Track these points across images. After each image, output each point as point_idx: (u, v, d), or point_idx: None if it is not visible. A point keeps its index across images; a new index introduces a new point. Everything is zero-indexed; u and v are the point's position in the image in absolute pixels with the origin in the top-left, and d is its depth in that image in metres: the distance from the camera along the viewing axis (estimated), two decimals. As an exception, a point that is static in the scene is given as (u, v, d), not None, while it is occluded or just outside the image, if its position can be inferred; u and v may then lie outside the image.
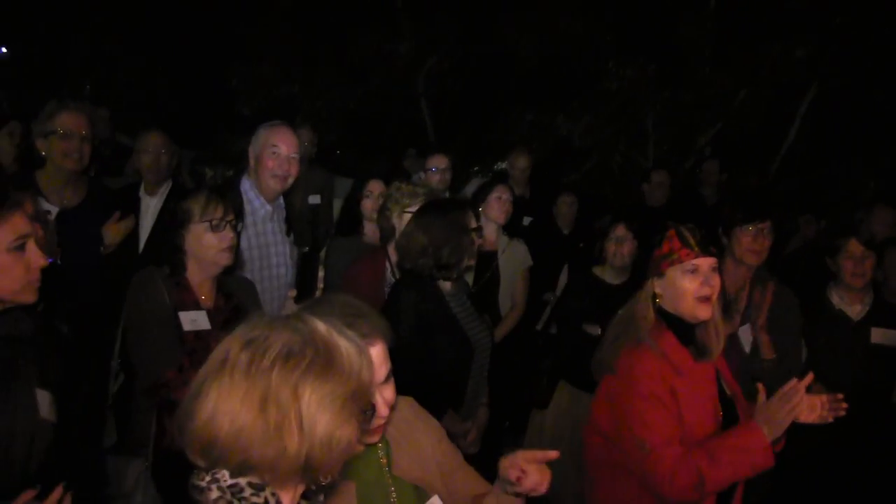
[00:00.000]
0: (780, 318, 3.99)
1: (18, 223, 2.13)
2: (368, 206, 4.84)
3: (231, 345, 1.38)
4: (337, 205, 6.74)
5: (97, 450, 3.43)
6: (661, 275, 2.97)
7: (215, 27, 14.76)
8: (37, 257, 2.16)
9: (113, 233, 4.11)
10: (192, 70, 15.58)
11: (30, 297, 2.18)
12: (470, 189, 6.42)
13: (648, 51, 11.16)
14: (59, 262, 3.81)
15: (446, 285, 3.70)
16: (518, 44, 12.19)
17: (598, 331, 4.41)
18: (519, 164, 7.03)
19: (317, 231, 5.85)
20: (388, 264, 4.24)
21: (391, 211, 4.26)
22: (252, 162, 4.26)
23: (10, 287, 2.14)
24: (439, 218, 3.65)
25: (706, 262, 2.91)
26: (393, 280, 4.14)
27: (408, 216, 4.07)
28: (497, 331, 5.10)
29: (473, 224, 3.69)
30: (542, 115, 12.18)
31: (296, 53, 14.09)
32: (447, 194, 6.22)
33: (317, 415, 1.33)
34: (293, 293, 3.29)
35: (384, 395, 1.99)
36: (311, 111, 13.61)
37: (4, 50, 23.17)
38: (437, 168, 5.86)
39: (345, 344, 1.42)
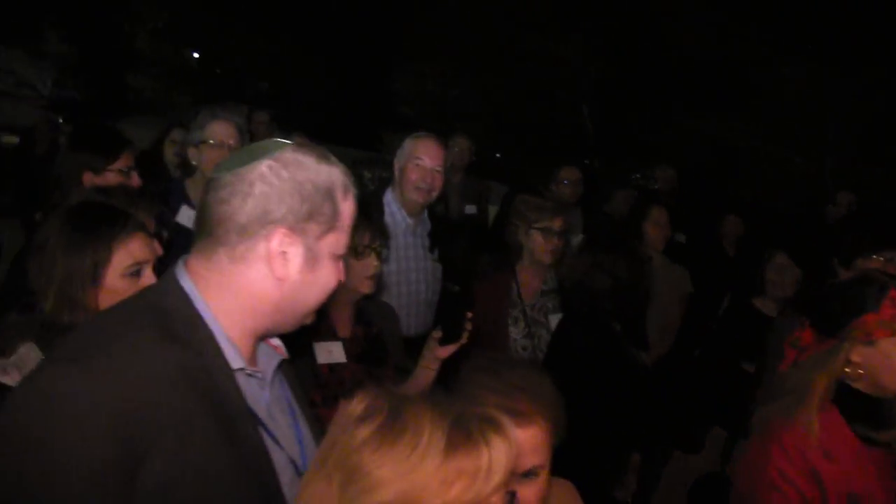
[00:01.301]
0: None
1: (136, 249, 2.09)
2: None
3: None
4: (493, 212, 6.61)
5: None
6: (870, 343, 2.32)
7: (380, 29, 15.05)
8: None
9: None
10: (357, 71, 15.97)
11: None
12: (617, 203, 6.10)
13: (825, 46, 10.32)
14: None
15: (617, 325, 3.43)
16: (682, 44, 11.66)
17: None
18: (666, 176, 6.73)
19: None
20: (514, 285, 4.00)
21: (517, 227, 4.04)
22: (396, 173, 4.15)
23: None
24: (624, 257, 3.39)
25: None
26: (520, 303, 3.91)
27: (535, 233, 3.86)
28: (645, 358, 4.76)
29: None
30: (708, 120, 11.59)
31: (458, 56, 14.14)
32: (578, 208, 5.96)
33: None
34: (438, 334, 2.90)
35: (529, 490, 1.72)
36: (471, 114, 13.59)
37: (196, 55, 24.80)
38: (570, 181, 5.57)
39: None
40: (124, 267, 2.05)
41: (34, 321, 2.04)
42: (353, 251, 2.92)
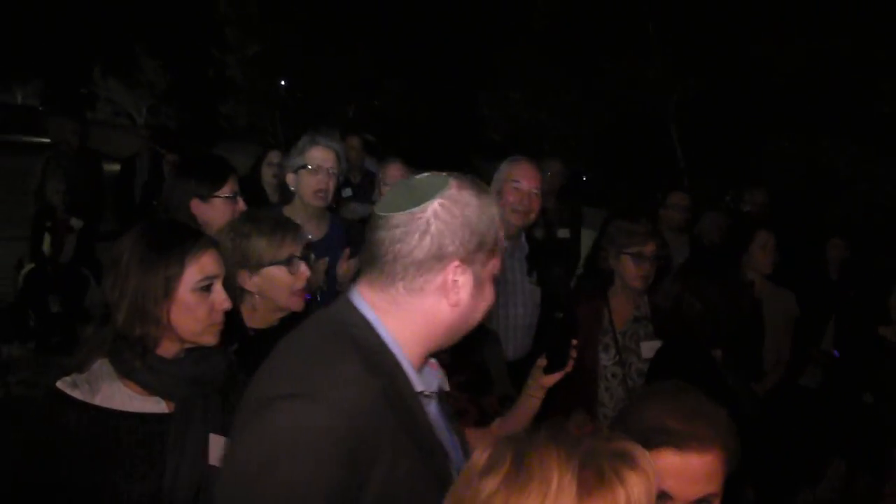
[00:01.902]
0: None
1: (208, 263, 2.14)
2: None
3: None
4: (586, 236, 6.50)
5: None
6: None
7: (468, 55, 15.17)
8: (221, 300, 2.16)
9: (344, 270, 3.98)
10: (445, 97, 16.12)
11: (210, 340, 2.17)
12: (706, 226, 5.94)
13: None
14: (318, 298, 3.87)
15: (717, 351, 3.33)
16: (775, 65, 11.34)
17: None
18: (758, 199, 6.48)
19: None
20: (605, 311, 3.91)
21: (609, 252, 3.95)
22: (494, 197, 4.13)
23: (192, 328, 2.12)
24: (715, 282, 3.31)
25: None
26: (611, 330, 3.84)
27: (626, 258, 3.80)
28: (758, 387, 4.64)
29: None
30: (802, 143, 11.23)
31: (544, 79, 14.12)
32: (685, 234, 5.80)
33: None
34: (542, 362, 2.82)
35: None
36: (558, 137, 13.55)
37: (283, 83, 25.48)
38: (678, 206, 5.55)
39: None
40: (195, 281, 2.11)
41: (108, 334, 2.09)
42: None
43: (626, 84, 12.94)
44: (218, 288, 2.16)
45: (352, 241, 4.16)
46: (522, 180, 4.02)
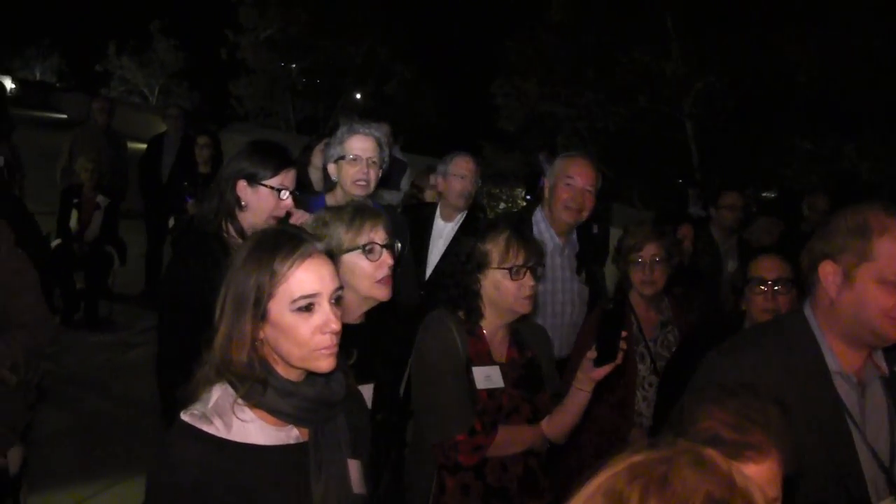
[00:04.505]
0: None
1: (305, 280, 1.86)
2: None
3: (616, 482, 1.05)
4: (614, 234, 6.47)
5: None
6: None
7: (482, 44, 15.09)
8: (328, 321, 1.86)
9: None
10: (457, 84, 16.04)
11: (323, 366, 1.90)
12: (758, 228, 5.93)
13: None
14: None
15: None
16: (799, 64, 11.27)
17: None
18: (819, 205, 6.39)
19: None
20: (633, 319, 3.84)
21: (618, 258, 3.93)
22: (546, 193, 4.12)
23: (296, 353, 1.88)
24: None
25: None
26: (642, 339, 3.77)
27: (629, 263, 3.78)
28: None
29: None
30: (824, 145, 11.19)
31: (560, 71, 14.04)
32: (735, 235, 5.75)
33: None
34: (592, 354, 2.78)
35: None
36: (572, 130, 13.49)
37: (294, 66, 25.38)
38: (730, 206, 5.47)
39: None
40: (290, 301, 1.85)
41: (220, 357, 1.87)
42: (509, 272, 2.88)
43: (643, 78, 12.86)
44: (325, 307, 1.87)
45: (409, 228, 4.17)
46: (577, 177, 3.99)
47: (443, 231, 4.93)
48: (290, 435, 1.92)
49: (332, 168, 4.05)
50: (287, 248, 1.86)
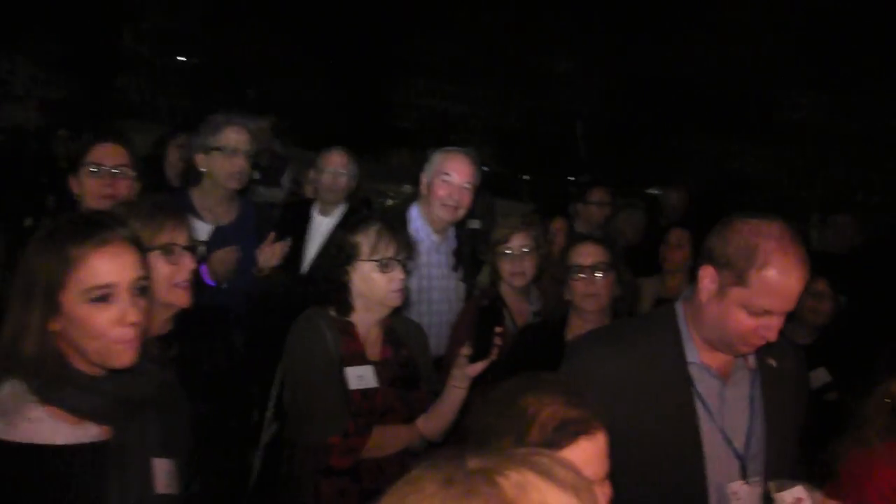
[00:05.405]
0: None
1: (101, 268, 1.72)
2: None
3: None
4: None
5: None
6: None
7: (380, 41, 14.93)
8: (125, 313, 1.74)
9: (266, 256, 3.77)
10: (355, 83, 15.84)
11: (120, 362, 1.77)
12: (619, 220, 5.93)
13: (828, 80, 10.34)
14: (224, 286, 3.64)
15: None
16: (687, 68, 11.59)
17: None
18: (671, 199, 6.56)
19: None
20: (505, 312, 3.78)
21: (486, 250, 3.95)
22: (424, 189, 3.99)
23: (92, 347, 1.74)
24: None
25: None
26: (514, 331, 3.72)
27: (497, 255, 3.77)
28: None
29: None
30: (709, 144, 11.55)
31: (454, 69, 14.03)
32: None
33: None
34: (467, 351, 2.81)
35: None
36: (466, 127, 13.51)
37: (182, 59, 24.55)
38: (598, 202, 5.53)
39: None
40: (82, 291, 1.71)
41: (10, 348, 1.74)
42: (378, 264, 2.84)
43: (536, 77, 12.97)
44: (122, 299, 1.74)
45: (262, 226, 3.96)
46: (454, 173, 3.89)
47: (321, 226, 4.82)
48: (88, 433, 1.78)
49: (200, 159, 3.86)
50: (82, 234, 1.73)
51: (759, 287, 2.03)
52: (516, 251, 3.76)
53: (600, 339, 2.46)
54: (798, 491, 2.05)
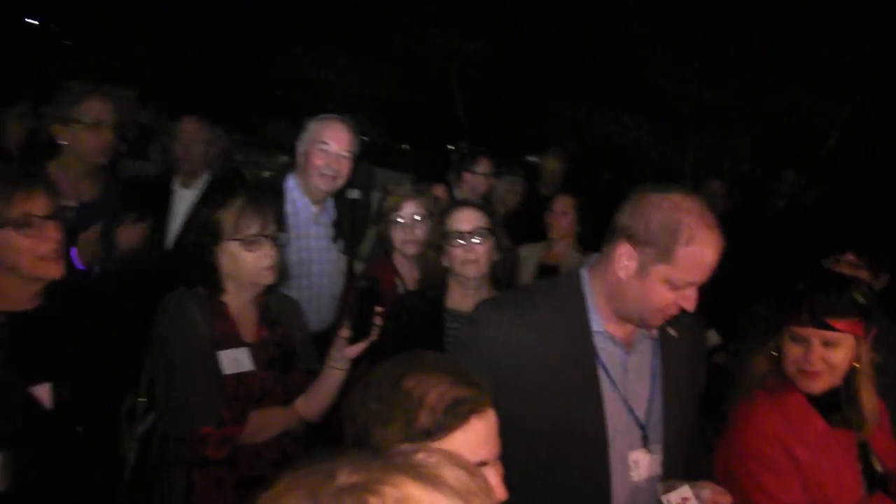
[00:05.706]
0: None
1: None
2: None
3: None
4: (376, 198, 6.36)
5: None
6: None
7: (251, 9, 14.49)
8: None
9: (125, 237, 3.59)
10: (228, 50, 15.34)
11: None
12: (500, 188, 5.95)
13: (693, 48, 10.73)
14: (94, 269, 3.43)
15: None
16: (564, 37, 11.77)
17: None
18: (549, 165, 6.60)
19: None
20: (398, 280, 3.77)
21: (379, 219, 3.89)
22: (300, 158, 3.87)
23: None
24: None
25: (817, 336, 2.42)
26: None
27: (390, 224, 3.73)
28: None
29: None
30: (581, 112, 11.80)
31: (331, 37, 13.79)
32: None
33: None
34: (346, 333, 2.69)
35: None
36: (346, 98, 13.34)
37: (36, 21, 22.97)
38: (481, 172, 5.35)
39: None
40: None
41: None
42: (243, 243, 2.68)
43: (413, 46, 12.90)
44: None
45: (129, 204, 3.76)
46: (332, 141, 3.77)
47: (183, 199, 4.62)
48: None
49: (59, 130, 3.63)
50: None
51: (684, 262, 2.01)
52: (408, 219, 3.69)
53: (504, 305, 2.37)
54: (684, 491, 2.07)
